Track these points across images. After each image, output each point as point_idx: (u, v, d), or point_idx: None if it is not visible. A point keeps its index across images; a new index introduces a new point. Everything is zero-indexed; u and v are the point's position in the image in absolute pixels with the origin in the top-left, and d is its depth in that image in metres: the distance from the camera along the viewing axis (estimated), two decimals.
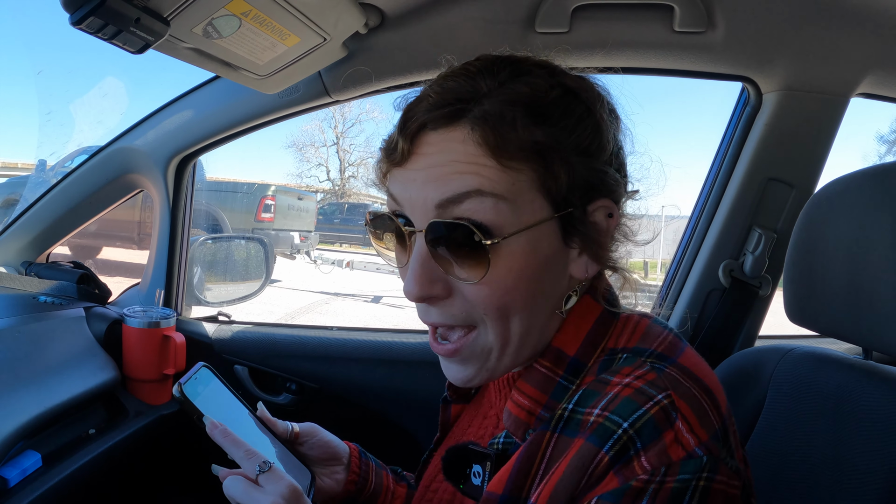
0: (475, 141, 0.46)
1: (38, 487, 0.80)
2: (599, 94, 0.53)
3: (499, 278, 0.47)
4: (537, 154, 0.47)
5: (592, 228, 0.51)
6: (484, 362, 0.52)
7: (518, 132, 0.46)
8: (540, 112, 0.48)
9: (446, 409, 0.68)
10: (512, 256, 0.47)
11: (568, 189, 0.49)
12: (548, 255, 0.49)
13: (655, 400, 0.43)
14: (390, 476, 0.76)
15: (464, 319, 0.50)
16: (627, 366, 0.47)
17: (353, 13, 0.90)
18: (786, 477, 0.73)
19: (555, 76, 0.51)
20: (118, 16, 0.60)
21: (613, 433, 0.42)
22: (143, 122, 1.22)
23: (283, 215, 7.86)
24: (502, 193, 0.46)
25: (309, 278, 8.08)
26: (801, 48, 1.00)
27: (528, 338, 0.51)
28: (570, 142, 0.49)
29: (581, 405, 0.46)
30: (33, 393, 0.87)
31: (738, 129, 1.14)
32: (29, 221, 1.30)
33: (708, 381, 0.47)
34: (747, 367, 0.85)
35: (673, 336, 0.51)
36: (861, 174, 0.73)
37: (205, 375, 0.68)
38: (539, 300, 0.50)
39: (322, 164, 21.25)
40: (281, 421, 0.70)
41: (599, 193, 0.51)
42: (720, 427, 0.44)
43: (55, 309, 1.09)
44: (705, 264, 1.16)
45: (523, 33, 0.99)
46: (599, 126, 0.50)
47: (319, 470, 0.70)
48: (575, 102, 0.50)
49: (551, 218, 0.49)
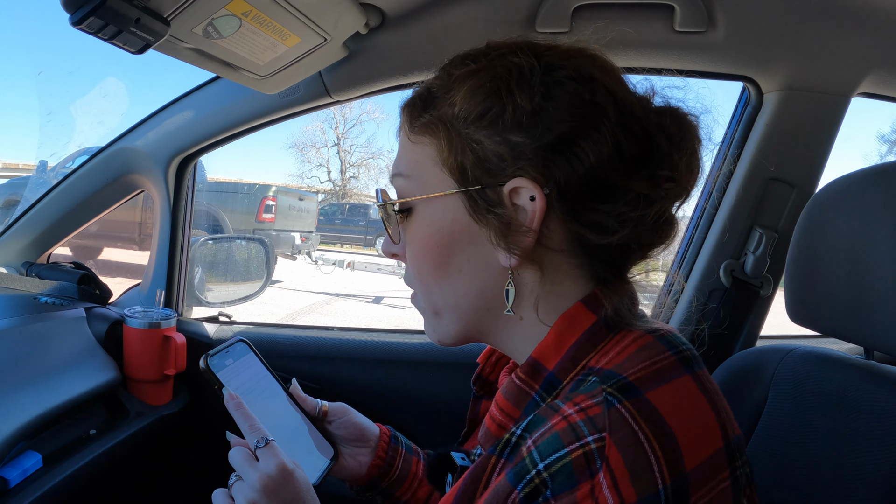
0: (404, 126, 0.53)
1: (38, 488, 0.80)
2: (514, 68, 0.46)
3: (412, 245, 0.52)
4: (435, 127, 0.49)
5: (513, 211, 0.46)
6: (430, 323, 0.55)
7: (420, 109, 0.50)
8: (447, 89, 0.49)
9: (476, 405, 0.67)
10: (419, 226, 0.51)
11: (473, 164, 0.47)
12: (453, 230, 0.49)
13: (582, 442, 0.37)
14: (421, 462, 0.76)
15: (409, 280, 0.55)
16: (584, 393, 0.41)
17: (353, 13, 0.90)
18: (787, 477, 0.73)
19: (478, 57, 0.49)
20: (118, 16, 0.60)
21: (528, 472, 0.38)
22: (144, 122, 1.22)
23: (284, 216, 7.86)
24: (408, 172, 0.51)
25: (310, 279, 8.08)
26: (802, 47, 1.00)
27: (464, 314, 0.51)
28: (465, 114, 0.47)
29: (528, 430, 0.42)
30: (34, 393, 0.87)
31: (740, 129, 1.14)
32: (30, 222, 1.30)
33: (679, 425, 0.38)
34: (748, 368, 0.85)
35: (671, 361, 0.42)
36: (862, 174, 0.73)
37: (240, 349, 0.71)
38: (454, 276, 0.50)
39: (323, 165, 21.29)
40: (312, 398, 0.73)
41: (519, 172, 0.45)
42: (669, 486, 0.36)
43: (56, 309, 1.09)
44: (706, 264, 1.16)
45: (524, 33, 0.99)
46: (502, 100, 0.45)
47: (345, 449, 0.72)
48: (479, 76, 0.47)
49: (455, 193, 0.48)
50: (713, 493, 0.38)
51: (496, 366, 0.64)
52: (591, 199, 0.46)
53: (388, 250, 0.56)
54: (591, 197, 0.45)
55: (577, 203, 0.46)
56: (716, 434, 0.40)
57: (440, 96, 0.49)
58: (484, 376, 0.65)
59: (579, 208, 0.46)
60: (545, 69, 0.46)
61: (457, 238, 0.49)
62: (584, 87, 0.45)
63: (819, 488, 0.68)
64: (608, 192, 0.45)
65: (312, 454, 0.66)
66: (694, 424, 0.39)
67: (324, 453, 0.68)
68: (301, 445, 0.65)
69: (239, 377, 0.67)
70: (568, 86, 0.45)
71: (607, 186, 0.45)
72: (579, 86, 0.45)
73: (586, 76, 0.46)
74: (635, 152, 0.46)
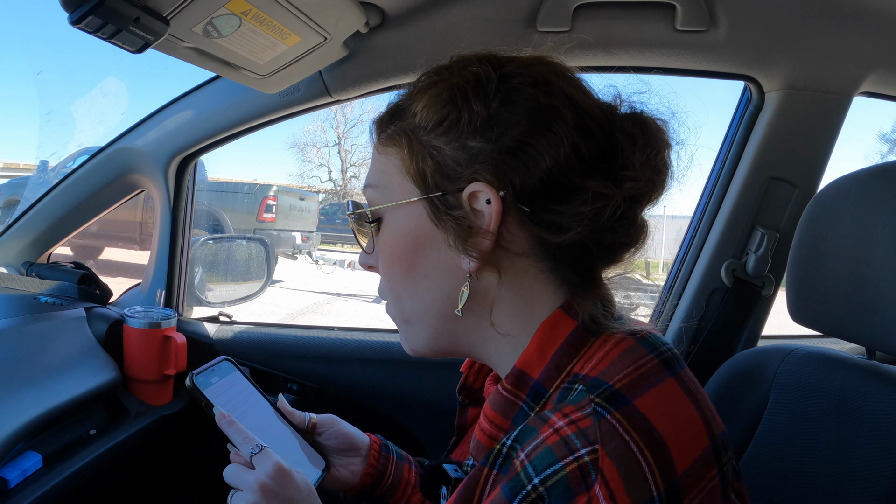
0: (373, 140, 0.54)
1: (38, 488, 0.80)
2: (472, 77, 0.48)
3: (382, 254, 0.53)
4: (398, 138, 0.50)
5: (472, 215, 0.47)
6: (402, 333, 0.56)
7: (388, 121, 0.52)
8: (411, 100, 0.51)
9: (462, 413, 0.67)
10: (386, 234, 0.52)
11: (433, 171, 0.48)
12: (417, 235, 0.50)
13: (576, 455, 0.37)
14: (413, 469, 0.77)
15: (381, 290, 0.56)
16: (572, 404, 0.41)
17: (353, 12, 0.90)
18: (789, 477, 0.72)
19: (441, 70, 0.51)
20: (117, 15, 0.60)
21: (523, 488, 0.38)
22: (144, 122, 1.22)
23: (284, 215, 7.86)
24: (375, 183, 0.53)
25: (311, 279, 8.08)
26: (803, 47, 1.00)
27: (434, 321, 0.52)
28: (425, 123, 0.48)
29: (519, 441, 0.42)
30: (34, 393, 0.87)
31: (741, 128, 1.14)
32: (30, 222, 1.30)
33: (667, 430, 0.39)
34: (750, 368, 0.84)
35: (654, 364, 0.43)
36: (864, 173, 0.72)
37: (224, 367, 0.72)
38: (421, 282, 0.51)
39: (324, 165, 21.27)
40: (299, 412, 0.74)
41: (476, 176, 0.46)
42: (663, 492, 0.37)
43: (56, 309, 1.08)
44: (708, 264, 1.16)
45: (524, 32, 0.99)
46: (458, 107, 0.47)
47: (337, 460, 0.73)
48: (437, 87, 0.49)
49: (417, 200, 0.49)
50: (704, 493, 0.39)
51: (479, 374, 0.65)
52: (547, 199, 0.46)
53: (364, 262, 0.57)
54: (547, 197, 0.46)
55: (534, 204, 0.46)
56: (702, 434, 0.41)
57: (405, 108, 0.51)
58: (468, 385, 0.65)
59: (536, 209, 0.46)
60: (502, 77, 0.47)
61: (421, 244, 0.50)
62: (540, 91, 0.46)
63: (821, 488, 0.68)
64: (565, 193, 0.46)
65: (304, 466, 0.66)
66: (681, 428, 0.40)
67: (315, 465, 0.69)
68: (292, 458, 0.65)
69: (225, 394, 0.68)
70: (524, 91, 0.46)
71: (564, 187, 0.46)
72: (535, 90, 0.46)
73: (542, 81, 0.47)
74: (594, 153, 0.46)
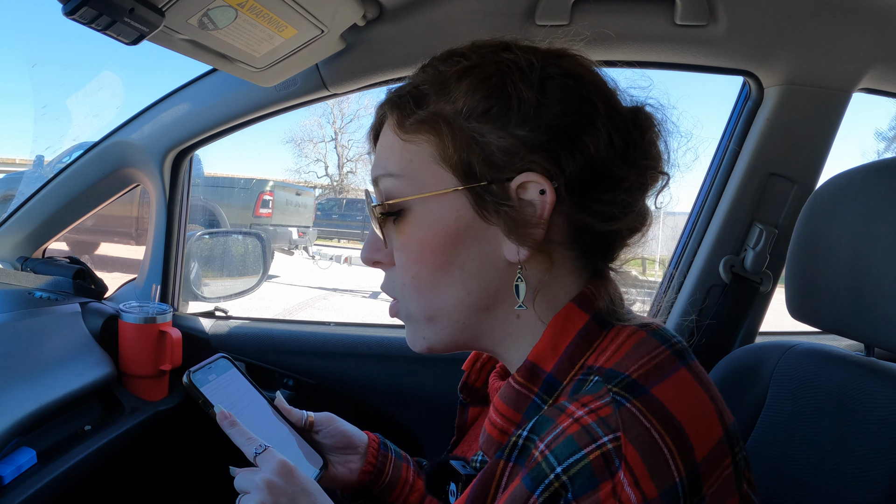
0: (391, 125, 0.51)
1: (33, 485, 0.79)
2: (512, 64, 0.47)
3: (408, 248, 0.50)
4: (435, 124, 0.48)
5: (519, 205, 0.46)
6: (418, 331, 0.53)
7: (413, 107, 0.49)
8: (441, 86, 0.49)
9: (463, 412, 0.67)
10: (416, 227, 0.49)
11: (476, 160, 0.46)
12: (458, 227, 0.48)
13: (599, 443, 0.37)
14: (411, 468, 0.76)
15: (391, 290, 0.54)
16: (590, 394, 0.41)
17: (350, 5, 0.89)
18: (787, 474, 0.72)
19: (467, 54, 0.50)
20: (112, 6, 0.59)
21: (546, 477, 0.38)
22: (139, 115, 1.21)
23: (281, 211, 7.85)
24: (398, 172, 0.50)
25: (307, 274, 8.07)
26: (803, 42, 0.99)
27: (463, 316, 0.50)
28: (468, 109, 0.47)
29: (535, 432, 0.42)
30: (28, 389, 0.87)
31: (740, 124, 1.13)
32: (25, 217, 1.29)
33: (686, 418, 0.40)
34: (748, 364, 0.84)
35: (667, 355, 0.44)
36: (864, 169, 0.72)
37: (221, 365, 0.72)
38: (456, 275, 0.49)
39: (320, 160, 21.24)
40: (297, 410, 0.73)
41: (529, 166, 0.46)
42: (685, 478, 0.37)
43: (51, 304, 1.08)
44: (706, 260, 1.15)
45: (523, 26, 0.98)
46: (507, 94, 0.46)
47: (334, 458, 0.73)
48: (479, 72, 0.48)
49: (456, 190, 0.48)
50: (720, 481, 0.39)
51: (481, 371, 0.65)
52: (594, 189, 0.47)
53: (371, 258, 0.54)
54: (594, 187, 0.47)
55: (582, 194, 0.47)
56: (716, 423, 0.41)
57: (433, 93, 0.49)
58: (470, 383, 0.65)
59: (585, 199, 0.47)
60: (541, 66, 0.48)
61: (462, 236, 0.48)
62: (576, 82, 0.48)
63: (819, 485, 0.68)
64: (609, 182, 0.47)
65: (301, 465, 0.66)
66: (697, 417, 0.41)
67: (313, 463, 0.69)
68: (290, 457, 0.65)
69: (223, 392, 0.68)
70: (561, 82, 0.47)
71: (607, 176, 0.47)
72: (571, 82, 0.48)
73: (575, 74, 0.48)
74: (622, 144, 0.48)
